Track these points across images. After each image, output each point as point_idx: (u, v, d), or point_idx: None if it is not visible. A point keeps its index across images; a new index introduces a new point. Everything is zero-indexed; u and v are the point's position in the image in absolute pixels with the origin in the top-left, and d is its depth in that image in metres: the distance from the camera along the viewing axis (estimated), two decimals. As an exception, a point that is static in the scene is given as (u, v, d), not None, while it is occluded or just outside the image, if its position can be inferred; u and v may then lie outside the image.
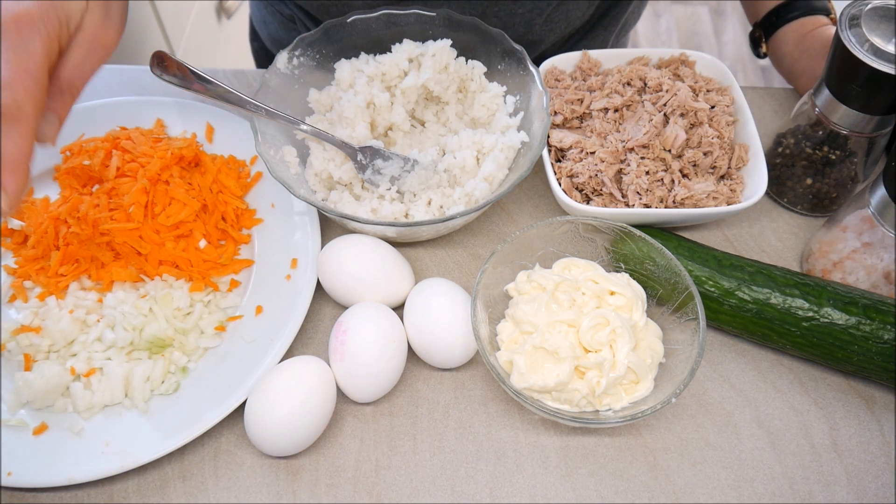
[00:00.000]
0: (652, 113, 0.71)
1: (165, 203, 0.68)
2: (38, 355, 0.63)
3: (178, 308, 0.65)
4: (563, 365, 0.58)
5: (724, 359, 0.66)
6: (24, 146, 0.53)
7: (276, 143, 0.71)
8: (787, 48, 0.80)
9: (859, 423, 0.63)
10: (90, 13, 0.56)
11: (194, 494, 0.59)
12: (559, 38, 0.90)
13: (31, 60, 0.53)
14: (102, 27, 0.57)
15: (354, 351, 0.60)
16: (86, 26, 0.56)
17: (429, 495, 0.59)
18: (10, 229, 0.70)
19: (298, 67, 0.75)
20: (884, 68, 0.61)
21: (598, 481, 0.60)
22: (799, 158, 0.72)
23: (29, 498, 0.59)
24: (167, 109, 0.78)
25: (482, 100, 0.74)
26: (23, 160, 0.53)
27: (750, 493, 0.60)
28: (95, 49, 0.57)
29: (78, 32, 0.56)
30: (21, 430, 0.60)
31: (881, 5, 0.64)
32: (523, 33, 0.84)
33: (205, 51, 1.93)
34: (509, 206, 0.76)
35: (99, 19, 0.57)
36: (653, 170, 0.70)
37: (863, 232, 0.64)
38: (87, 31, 0.57)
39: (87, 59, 0.57)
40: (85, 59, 0.57)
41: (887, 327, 0.60)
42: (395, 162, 0.71)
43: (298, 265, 0.68)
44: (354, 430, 0.62)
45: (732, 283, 0.64)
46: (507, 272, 0.65)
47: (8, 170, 0.52)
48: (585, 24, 0.91)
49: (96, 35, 0.57)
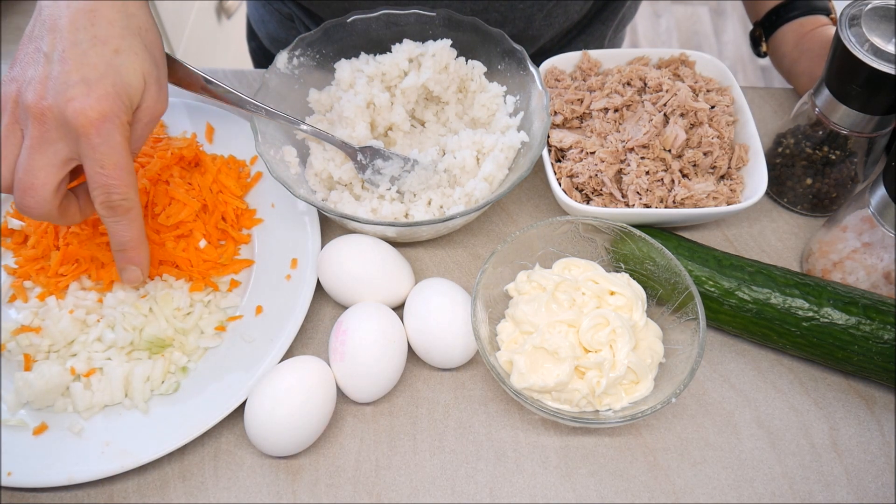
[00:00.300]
0: (652, 113, 0.71)
1: (165, 203, 0.68)
2: (38, 355, 0.63)
3: (178, 308, 0.65)
4: (563, 365, 0.58)
5: (724, 359, 0.66)
6: (141, 227, 0.60)
7: (276, 143, 0.71)
8: (786, 48, 0.80)
9: (859, 423, 0.63)
10: (148, 91, 0.58)
11: (194, 494, 0.59)
12: (557, 34, 0.90)
13: (120, 155, 0.56)
14: (158, 100, 0.60)
15: (354, 351, 0.60)
16: (144, 104, 0.59)
17: (429, 495, 0.59)
18: (10, 229, 0.70)
19: (298, 67, 0.75)
20: (884, 68, 0.61)
21: (598, 481, 0.60)
22: (799, 158, 0.72)
23: (29, 498, 0.59)
24: (167, 109, 0.78)
25: (482, 100, 0.74)
26: (142, 238, 0.61)
27: (750, 493, 0.60)
28: (154, 120, 0.60)
29: (138, 110, 0.59)
30: (21, 430, 0.60)
31: (881, 5, 0.64)
32: (523, 29, 0.85)
33: (205, 51, 1.93)
34: (509, 206, 0.76)
35: (155, 93, 0.59)
36: (653, 170, 0.70)
37: (863, 232, 0.64)
38: (148, 108, 0.59)
39: (146, 129, 0.60)
40: (144, 130, 0.60)
41: (887, 327, 0.60)
42: (395, 162, 0.71)
43: (298, 265, 0.68)
44: (354, 430, 0.62)
45: (732, 283, 0.64)
46: (507, 272, 0.65)
47: (134, 248, 0.60)
48: (583, 19, 0.92)
49: (154, 108, 0.60)
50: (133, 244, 0.60)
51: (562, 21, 0.87)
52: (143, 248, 0.61)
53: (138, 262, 0.61)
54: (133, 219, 0.59)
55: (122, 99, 0.56)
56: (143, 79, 0.58)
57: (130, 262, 0.61)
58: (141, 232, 0.60)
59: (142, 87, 0.58)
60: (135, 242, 0.60)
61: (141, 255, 0.61)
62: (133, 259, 0.61)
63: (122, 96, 0.56)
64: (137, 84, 0.57)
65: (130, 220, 0.58)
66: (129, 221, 0.58)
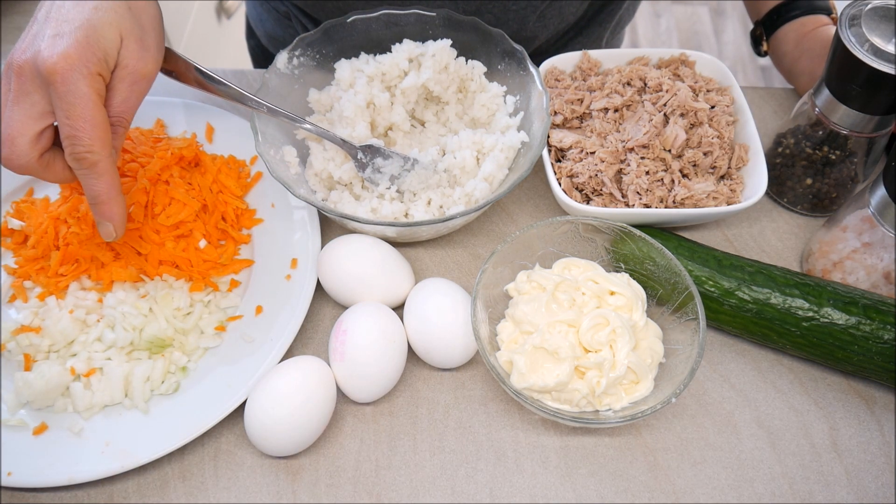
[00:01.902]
0: (652, 113, 0.71)
1: (165, 203, 0.68)
2: (38, 355, 0.63)
3: (178, 308, 0.66)
4: (563, 365, 0.58)
5: (724, 359, 0.66)
6: (110, 181, 0.58)
7: (276, 143, 0.71)
8: (787, 47, 0.80)
9: (859, 423, 0.63)
10: (126, 48, 0.58)
11: (194, 494, 0.59)
12: (553, 35, 0.90)
13: (84, 105, 0.55)
14: (140, 60, 0.59)
15: (354, 351, 0.60)
16: (124, 61, 0.58)
17: (429, 495, 0.59)
18: (10, 229, 0.70)
19: (298, 67, 0.75)
20: (884, 68, 0.61)
21: (598, 481, 0.60)
22: (799, 158, 0.72)
23: (29, 498, 0.59)
24: (167, 109, 0.79)
25: (482, 100, 0.74)
26: (113, 193, 0.59)
27: (750, 493, 0.60)
28: (137, 82, 0.59)
29: (118, 68, 0.58)
30: (21, 430, 0.60)
31: (881, 5, 0.64)
32: (517, 30, 0.85)
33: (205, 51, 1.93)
34: (509, 206, 0.76)
35: (136, 52, 0.58)
36: (653, 170, 0.70)
37: (863, 232, 0.64)
38: (127, 66, 0.58)
39: (132, 92, 0.59)
40: (130, 93, 0.59)
41: (887, 327, 0.60)
42: (395, 161, 0.71)
43: (298, 265, 0.68)
44: (354, 430, 0.62)
45: (732, 283, 0.64)
46: (507, 272, 0.65)
47: (106, 203, 0.59)
48: (580, 21, 0.92)
49: (136, 68, 0.59)
50: (103, 198, 0.59)
51: (556, 23, 0.87)
52: (116, 204, 0.60)
53: (110, 217, 0.60)
54: (101, 173, 0.57)
55: (94, 50, 0.55)
56: (120, 34, 0.57)
57: (103, 217, 0.60)
58: (111, 187, 0.59)
59: (117, 43, 0.57)
60: (105, 197, 0.59)
61: (113, 210, 0.60)
62: (105, 213, 0.60)
63: (94, 47, 0.55)
64: (112, 37, 0.56)
65: (98, 173, 0.57)
66: (96, 175, 0.57)
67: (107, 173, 0.58)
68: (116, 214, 0.60)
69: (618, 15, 0.95)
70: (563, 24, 0.88)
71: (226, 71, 0.86)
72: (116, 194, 0.59)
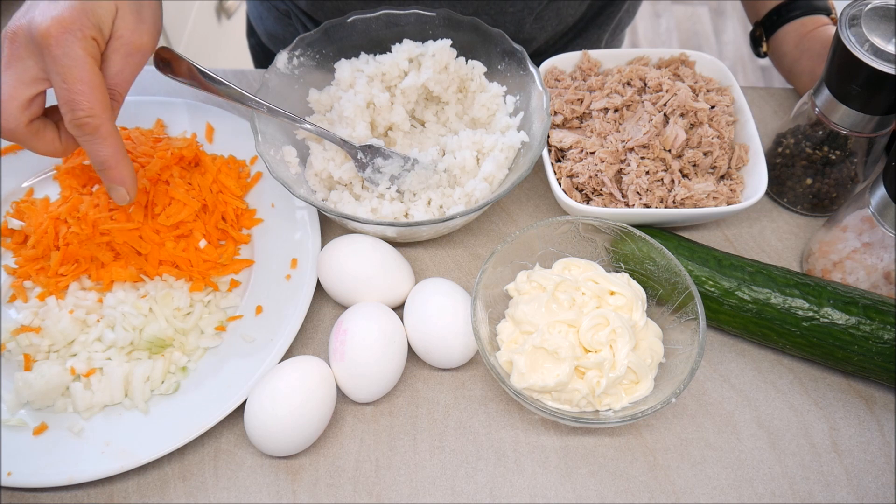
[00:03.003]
0: (652, 113, 0.71)
1: (165, 203, 0.68)
2: (38, 355, 0.63)
3: (178, 308, 0.66)
4: (563, 365, 0.58)
5: (724, 359, 0.66)
6: (115, 144, 0.58)
7: (277, 143, 0.71)
8: (787, 47, 0.80)
9: (859, 423, 0.63)
10: (121, 18, 0.57)
11: (194, 494, 0.59)
12: (551, 37, 0.90)
13: (81, 68, 0.55)
14: (136, 31, 0.58)
15: (354, 351, 0.60)
16: (119, 31, 0.58)
17: (429, 495, 0.59)
18: (10, 229, 0.70)
19: (298, 67, 0.75)
20: (884, 68, 0.61)
21: (598, 481, 0.60)
22: (799, 158, 0.72)
23: (29, 498, 0.59)
24: (167, 109, 0.78)
25: (482, 100, 0.74)
26: (119, 156, 0.58)
27: (750, 493, 0.60)
28: (132, 54, 0.59)
29: (113, 39, 0.58)
30: (21, 430, 0.60)
31: (881, 5, 0.64)
32: (514, 32, 0.85)
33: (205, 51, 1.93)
34: (509, 206, 0.76)
35: (131, 24, 0.58)
36: (653, 170, 0.70)
37: (863, 232, 0.64)
38: (122, 37, 0.58)
39: (127, 65, 0.59)
40: (125, 65, 0.59)
41: (887, 327, 0.60)
42: (395, 160, 0.71)
43: (298, 265, 0.68)
44: (354, 430, 0.62)
45: (732, 283, 0.64)
46: (507, 272, 0.65)
47: (114, 167, 0.59)
48: (579, 22, 0.92)
49: (131, 40, 0.58)
50: (111, 163, 0.58)
51: (554, 24, 0.87)
52: (124, 167, 0.59)
53: (121, 181, 0.60)
54: (104, 136, 0.57)
55: (88, 15, 0.55)
56: (115, 5, 0.57)
57: (113, 182, 0.59)
58: (117, 150, 0.58)
59: (112, 12, 0.57)
60: (113, 161, 0.58)
61: (123, 173, 0.59)
62: (115, 178, 0.59)
63: (88, 13, 0.55)
64: (107, 7, 0.56)
65: (101, 137, 0.57)
66: (100, 140, 0.57)
67: (110, 136, 0.57)
68: (127, 177, 0.59)
69: (617, 17, 0.95)
70: (562, 26, 0.88)
71: (226, 71, 0.86)
72: (123, 157, 0.59)
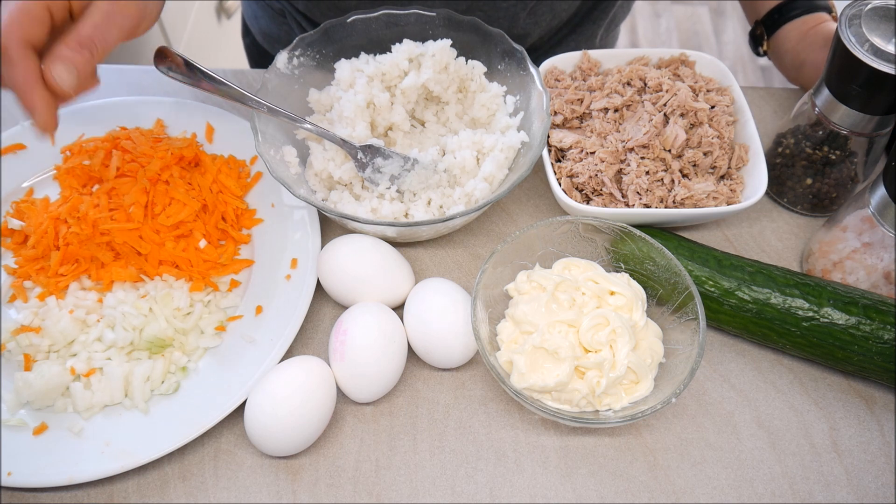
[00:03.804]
0: (652, 113, 0.71)
1: (165, 203, 0.68)
2: (38, 355, 0.63)
3: (178, 308, 0.65)
4: (563, 365, 0.58)
5: (724, 359, 0.66)
6: (24, 71, 0.58)
7: (276, 143, 0.71)
8: (789, 45, 0.80)
9: (859, 423, 0.63)
10: None
11: (194, 494, 0.59)
12: (545, 32, 0.90)
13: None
14: None
15: (354, 351, 0.60)
16: None
17: (429, 495, 0.59)
18: (10, 229, 0.70)
19: (298, 67, 0.75)
20: (884, 68, 0.61)
21: (598, 481, 0.60)
22: (799, 158, 0.72)
23: (29, 498, 0.59)
24: (167, 109, 0.78)
25: (482, 100, 0.74)
26: (30, 82, 0.58)
27: (750, 493, 0.60)
28: (114, 14, 0.60)
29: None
30: (21, 430, 0.60)
31: (881, 5, 0.64)
32: (507, 28, 0.85)
33: (205, 51, 1.93)
34: (509, 206, 0.76)
35: None
36: (653, 170, 0.70)
37: (863, 232, 0.64)
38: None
39: (107, 22, 0.60)
40: (104, 21, 0.60)
41: (887, 327, 0.60)
42: (395, 160, 0.71)
43: (298, 265, 0.68)
44: (354, 430, 0.62)
45: (732, 283, 0.64)
46: (507, 272, 0.65)
47: (25, 93, 0.59)
48: (573, 18, 0.92)
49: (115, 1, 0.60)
50: (20, 87, 0.59)
51: (548, 19, 0.87)
52: (35, 94, 0.59)
53: (32, 107, 0.59)
54: (10, 60, 0.58)
55: None
56: None
57: (27, 107, 0.59)
58: (27, 76, 0.58)
59: None
60: (21, 86, 0.59)
61: (34, 100, 0.59)
62: (27, 104, 0.59)
63: None
64: None
65: (7, 60, 0.58)
66: (7, 62, 0.58)
67: (20, 61, 0.58)
68: (38, 105, 0.59)
69: (611, 12, 0.95)
70: (556, 21, 0.88)
71: (226, 71, 0.86)
72: (34, 84, 0.59)
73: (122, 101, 0.79)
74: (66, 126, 0.76)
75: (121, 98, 0.79)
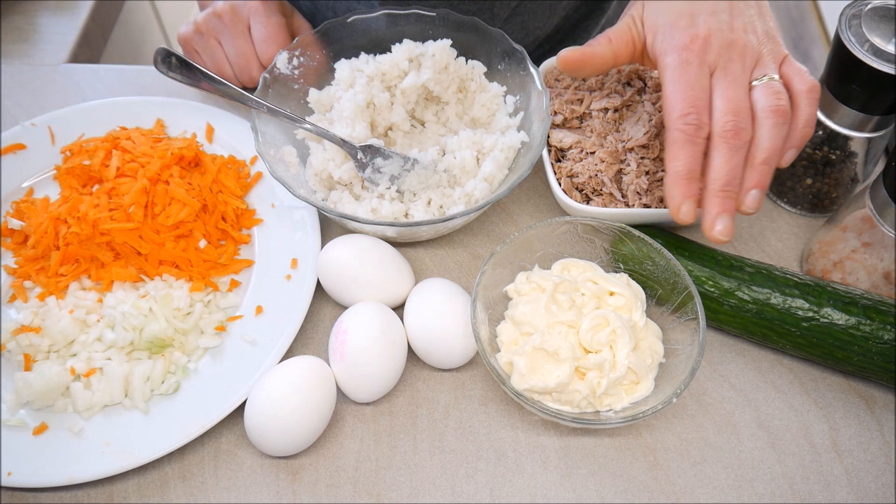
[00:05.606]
0: (652, 113, 0.71)
1: (165, 203, 0.68)
2: (38, 355, 0.63)
3: (178, 308, 0.66)
4: (563, 366, 0.58)
5: (724, 359, 0.66)
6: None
7: (276, 143, 0.71)
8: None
9: (859, 423, 0.63)
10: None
11: (194, 494, 0.59)
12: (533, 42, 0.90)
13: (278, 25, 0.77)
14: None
15: (354, 351, 0.60)
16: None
17: (429, 495, 0.59)
18: (10, 229, 0.70)
19: (298, 67, 0.75)
20: (884, 68, 0.61)
21: (598, 481, 0.60)
22: (799, 158, 0.72)
23: (29, 498, 0.59)
24: (167, 109, 0.79)
25: (482, 100, 0.74)
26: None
27: (750, 493, 0.60)
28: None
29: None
30: (21, 430, 0.60)
31: (881, 5, 0.64)
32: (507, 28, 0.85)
33: (205, 50, 1.92)
34: (509, 206, 0.76)
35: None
36: (653, 170, 0.70)
37: (863, 232, 0.64)
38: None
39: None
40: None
41: (887, 327, 0.60)
42: (395, 160, 0.71)
43: (298, 265, 0.68)
44: (354, 430, 0.62)
45: (732, 283, 0.64)
46: (507, 273, 0.65)
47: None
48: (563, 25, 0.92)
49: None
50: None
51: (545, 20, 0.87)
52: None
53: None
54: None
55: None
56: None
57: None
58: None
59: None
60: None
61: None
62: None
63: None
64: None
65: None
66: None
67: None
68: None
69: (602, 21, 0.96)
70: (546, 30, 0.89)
71: (226, 71, 0.86)
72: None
73: (122, 101, 0.79)
74: (67, 126, 0.77)
75: (121, 98, 0.79)
